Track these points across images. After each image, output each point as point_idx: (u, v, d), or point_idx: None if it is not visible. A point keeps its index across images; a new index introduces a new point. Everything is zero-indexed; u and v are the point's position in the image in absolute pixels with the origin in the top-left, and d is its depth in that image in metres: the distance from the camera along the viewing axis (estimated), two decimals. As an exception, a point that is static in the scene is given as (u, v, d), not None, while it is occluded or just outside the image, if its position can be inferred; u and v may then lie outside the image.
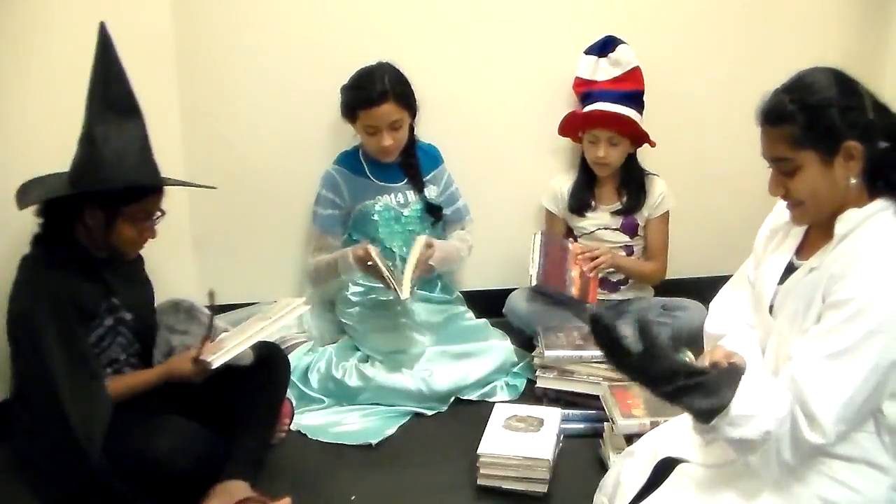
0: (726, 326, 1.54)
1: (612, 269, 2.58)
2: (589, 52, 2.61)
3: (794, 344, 1.30)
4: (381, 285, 2.34)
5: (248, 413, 1.87)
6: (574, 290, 2.45)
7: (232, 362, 1.77)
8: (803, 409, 1.24)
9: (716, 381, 1.24)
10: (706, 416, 1.23)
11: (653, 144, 2.55)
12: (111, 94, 1.65)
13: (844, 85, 1.33)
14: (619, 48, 2.56)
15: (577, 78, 2.63)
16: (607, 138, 2.50)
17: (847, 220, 1.33)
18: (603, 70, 2.58)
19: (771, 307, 1.44)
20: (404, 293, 2.20)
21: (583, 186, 2.62)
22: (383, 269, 2.23)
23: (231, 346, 1.75)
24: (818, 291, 1.31)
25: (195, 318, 1.90)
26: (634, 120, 2.51)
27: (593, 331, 1.26)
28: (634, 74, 2.56)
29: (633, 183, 2.60)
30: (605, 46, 2.58)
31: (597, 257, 2.50)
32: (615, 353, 1.24)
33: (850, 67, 1.37)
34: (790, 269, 1.43)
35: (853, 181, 1.32)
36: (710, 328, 1.58)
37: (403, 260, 2.49)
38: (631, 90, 2.54)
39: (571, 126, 2.61)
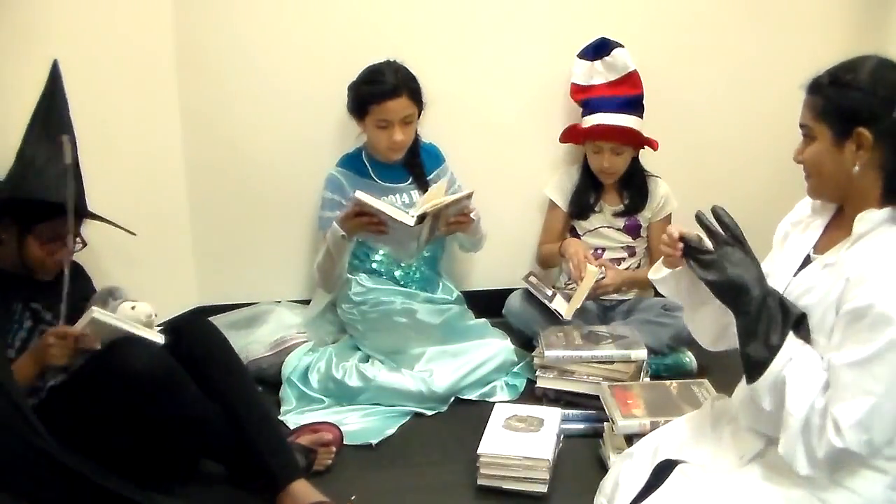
0: None
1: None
2: (583, 55, 2.59)
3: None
4: (390, 244, 2.28)
5: (230, 408, 1.80)
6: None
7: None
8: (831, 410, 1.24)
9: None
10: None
11: (656, 147, 2.54)
12: (51, 122, 1.78)
13: (886, 77, 1.31)
14: (615, 52, 2.53)
15: (573, 84, 2.61)
16: (610, 148, 2.50)
17: (866, 221, 1.33)
18: (598, 74, 2.56)
19: None
20: (411, 218, 2.09)
21: (586, 190, 2.62)
22: (382, 206, 2.12)
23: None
24: (833, 292, 1.31)
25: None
26: (636, 130, 2.49)
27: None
28: (632, 78, 2.53)
29: (635, 184, 2.61)
30: (599, 49, 2.56)
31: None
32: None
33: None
34: (806, 262, 1.43)
35: (856, 169, 1.32)
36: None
37: (405, 272, 2.49)
38: (630, 95, 2.51)
39: (573, 137, 2.61)
